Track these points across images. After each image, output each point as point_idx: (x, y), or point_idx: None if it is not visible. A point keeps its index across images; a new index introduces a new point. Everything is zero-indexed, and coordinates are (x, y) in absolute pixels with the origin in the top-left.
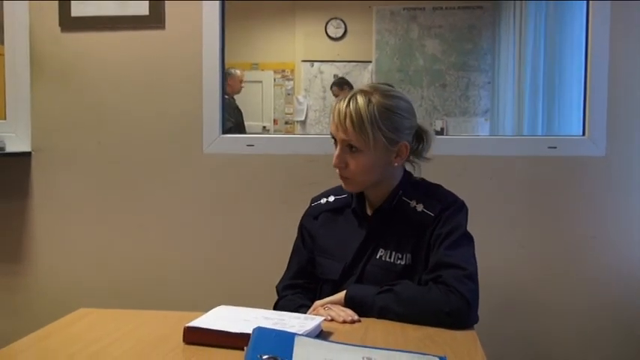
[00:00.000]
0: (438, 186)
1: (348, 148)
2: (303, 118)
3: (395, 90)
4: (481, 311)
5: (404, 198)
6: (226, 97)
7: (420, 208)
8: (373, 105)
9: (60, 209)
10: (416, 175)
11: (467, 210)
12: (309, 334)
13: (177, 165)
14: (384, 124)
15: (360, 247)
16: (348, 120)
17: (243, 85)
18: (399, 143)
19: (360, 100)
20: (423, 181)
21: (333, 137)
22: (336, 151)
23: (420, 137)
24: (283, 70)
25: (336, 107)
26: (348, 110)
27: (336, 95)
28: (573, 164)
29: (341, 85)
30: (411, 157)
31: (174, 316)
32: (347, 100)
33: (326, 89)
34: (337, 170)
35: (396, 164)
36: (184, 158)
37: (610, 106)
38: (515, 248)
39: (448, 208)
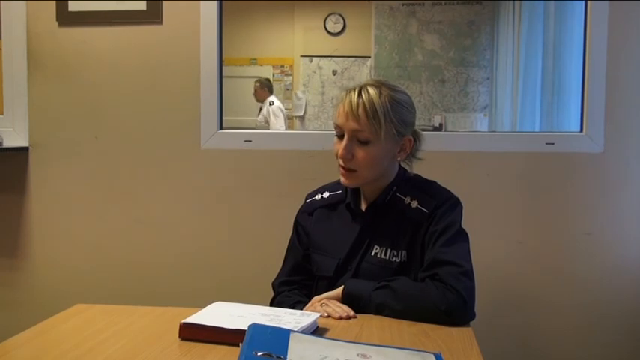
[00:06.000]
0: (433, 182)
1: (357, 139)
2: (301, 114)
3: (398, 85)
4: (477, 307)
5: (398, 194)
6: None
7: (414, 204)
8: (384, 96)
9: (57, 204)
10: (410, 169)
11: (461, 207)
12: (304, 331)
13: (174, 160)
14: (394, 116)
15: (355, 242)
16: (361, 109)
17: None
18: (405, 137)
19: (372, 91)
20: (417, 178)
21: (339, 129)
22: (344, 142)
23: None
24: (282, 66)
25: (347, 98)
26: (360, 100)
27: (256, 91)
28: (571, 161)
29: (263, 86)
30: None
31: (170, 312)
32: (357, 91)
33: (325, 84)
34: (340, 162)
35: (399, 159)
36: (182, 154)
37: (608, 103)
38: (511, 244)
39: (443, 204)
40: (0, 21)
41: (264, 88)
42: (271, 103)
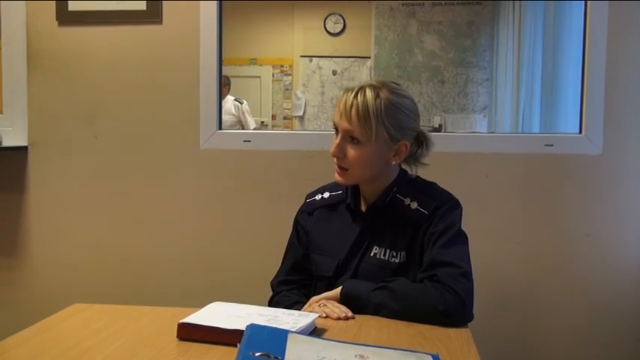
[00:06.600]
0: (433, 184)
1: (349, 139)
2: (301, 114)
3: (402, 89)
4: (477, 308)
5: (398, 195)
6: None
7: (414, 205)
8: (381, 100)
9: (56, 203)
10: (411, 172)
11: (461, 208)
12: (302, 331)
13: (174, 160)
14: (388, 120)
15: (354, 243)
16: (353, 110)
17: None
18: (399, 142)
19: (369, 93)
20: (417, 179)
21: (336, 127)
22: (336, 140)
23: (419, 142)
24: (282, 66)
25: (343, 97)
26: (355, 101)
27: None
28: (570, 162)
29: (225, 84)
30: (409, 160)
31: (168, 312)
32: (355, 91)
33: (324, 85)
34: (334, 160)
35: (393, 163)
36: (181, 154)
37: (607, 104)
38: (511, 245)
39: (442, 206)
40: (0, 20)
41: (226, 86)
42: (240, 102)
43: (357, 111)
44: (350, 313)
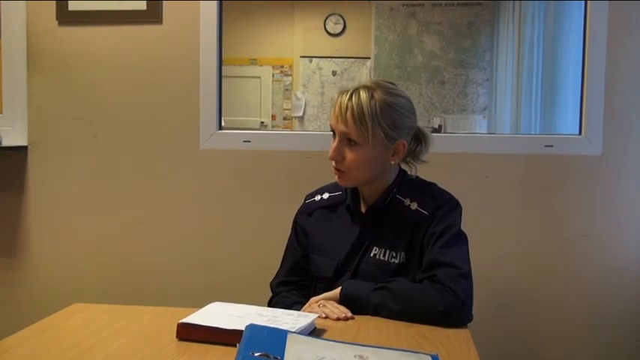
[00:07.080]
0: (432, 184)
1: (347, 141)
2: (301, 114)
3: (397, 88)
4: (476, 308)
5: (398, 196)
6: None
7: (414, 206)
8: (375, 100)
9: (56, 203)
10: (411, 173)
11: (461, 209)
12: (302, 332)
13: (173, 161)
14: (384, 120)
15: (354, 244)
16: (349, 113)
17: None
18: (397, 141)
19: (363, 94)
20: (417, 179)
21: (332, 130)
22: (334, 143)
23: (418, 139)
24: (282, 66)
25: (338, 100)
26: (350, 103)
27: None
28: (569, 163)
29: None
30: (407, 159)
31: (168, 312)
32: (349, 93)
33: (324, 85)
34: (333, 164)
35: (392, 162)
36: (181, 154)
37: (607, 105)
38: (510, 245)
39: (442, 206)
40: (0, 20)
41: None
42: None
43: (353, 113)
44: (349, 314)
